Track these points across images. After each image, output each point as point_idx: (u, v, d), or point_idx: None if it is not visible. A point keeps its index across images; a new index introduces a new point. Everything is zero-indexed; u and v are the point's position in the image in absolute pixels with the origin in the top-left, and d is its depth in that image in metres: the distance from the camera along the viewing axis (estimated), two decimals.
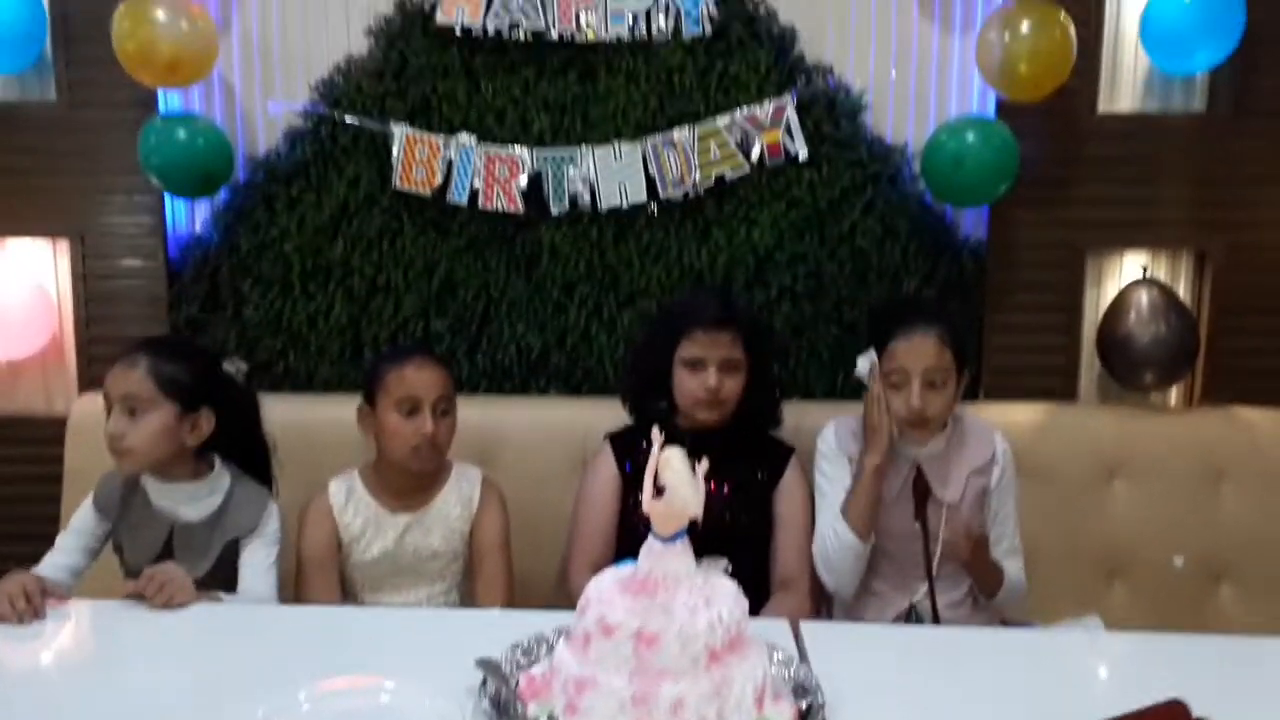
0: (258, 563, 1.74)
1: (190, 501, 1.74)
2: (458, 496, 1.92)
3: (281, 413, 2.01)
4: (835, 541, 1.86)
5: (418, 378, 1.84)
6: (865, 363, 1.90)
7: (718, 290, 2.25)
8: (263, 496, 1.80)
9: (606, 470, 1.99)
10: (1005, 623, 1.98)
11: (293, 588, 1.87)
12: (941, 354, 1.84)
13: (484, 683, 1.24)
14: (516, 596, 1.92)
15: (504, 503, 1.96)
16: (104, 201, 2.37)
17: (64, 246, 2.42)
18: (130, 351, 1.73)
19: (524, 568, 2.00)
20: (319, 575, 1.87)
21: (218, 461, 1.79)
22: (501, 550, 1.92)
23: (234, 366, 1.84)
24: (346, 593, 1.91)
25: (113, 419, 1.69)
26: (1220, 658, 1.48)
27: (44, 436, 2.32)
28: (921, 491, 1.87)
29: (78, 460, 2.16)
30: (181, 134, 2.23)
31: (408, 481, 1.90)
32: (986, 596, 1.89)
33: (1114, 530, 2.24)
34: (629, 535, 1.92)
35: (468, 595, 1.94)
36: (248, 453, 1.84)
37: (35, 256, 2.45)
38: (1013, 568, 1.92)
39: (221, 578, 1.70)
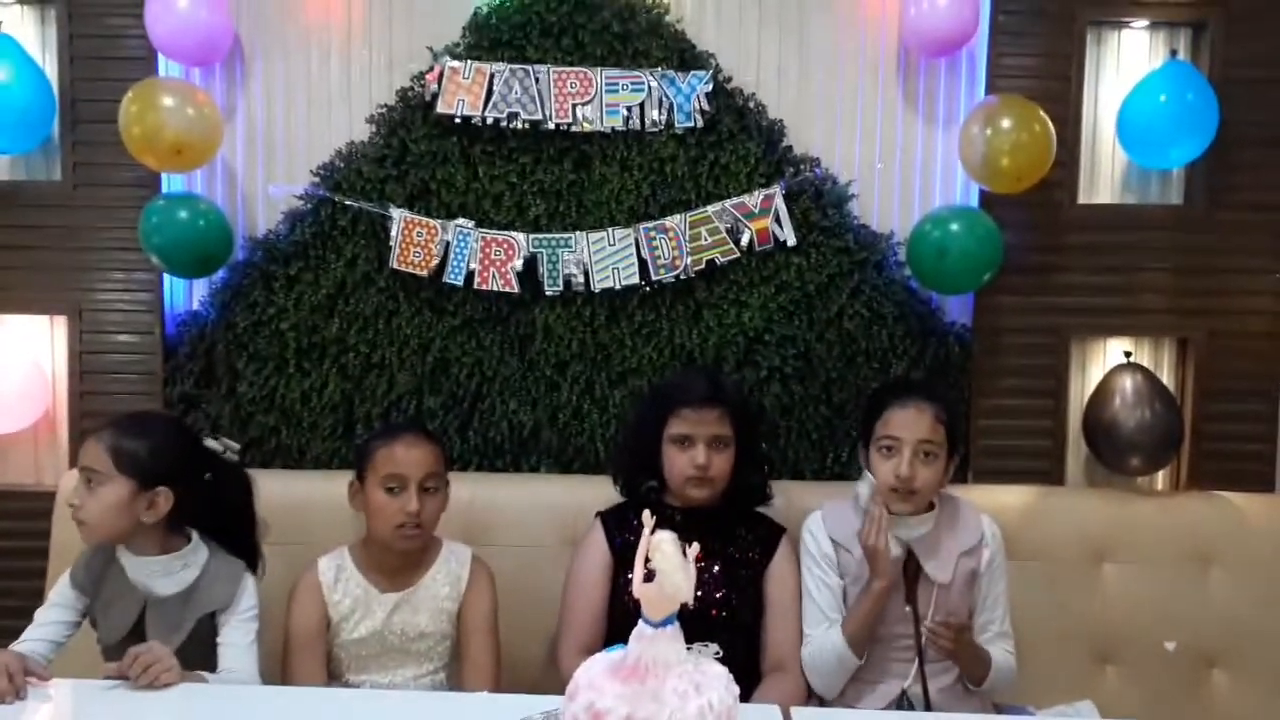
0: (237, 641, 1.72)
1: (164, 575, 1.73)
2: (446, 575, 1.91)
3: (273, 489, 2.02)
4: (831, 655, 1.86)
5: (405, 455, 1.84)
6: (865, 487, 1.91)
7: (706, 369, 2.28)
8: (238, 571, 1.79)
9: (597, 548, 1.99)
10: (998, 708, 1.97)
11: (278, 664, 1.85)
12: (935, 429, 1.87)
13: None
14: (504, 678, 1.90)
15: (493, 582, 1.95)
16: (102, 279, 2.40)
17: (61, 323, 2.44)
18: (103, 424, 1.75)
19: (513, 648, 1.99)
20: (306, 654, 1.85)
21: (194, 536, 1.78)
22: (489, 631, 1.91)
23: (222, 445, 1.85)
24: (333, 672, 1.89)
25: (74, 488, 1.72)
26: None
27: (33, 510, 2.31)
28: (913, 573, 1.88)
29: (65, 535, 2.14)
30: (183, 214, 2.26)
31: (396, 560, 1.89)
32: (974, 684, 1.88)
33: (1105, 614, 2.24)
34: (620, 614, 1.91)
35: (455, 676, 1.92)
36: (231, 530, 1.83)
37: (32, 332, 2.46)
38: (1001, 652, 1.91)
39: (194, 654, 1.68)
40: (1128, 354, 2.40)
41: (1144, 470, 2.39)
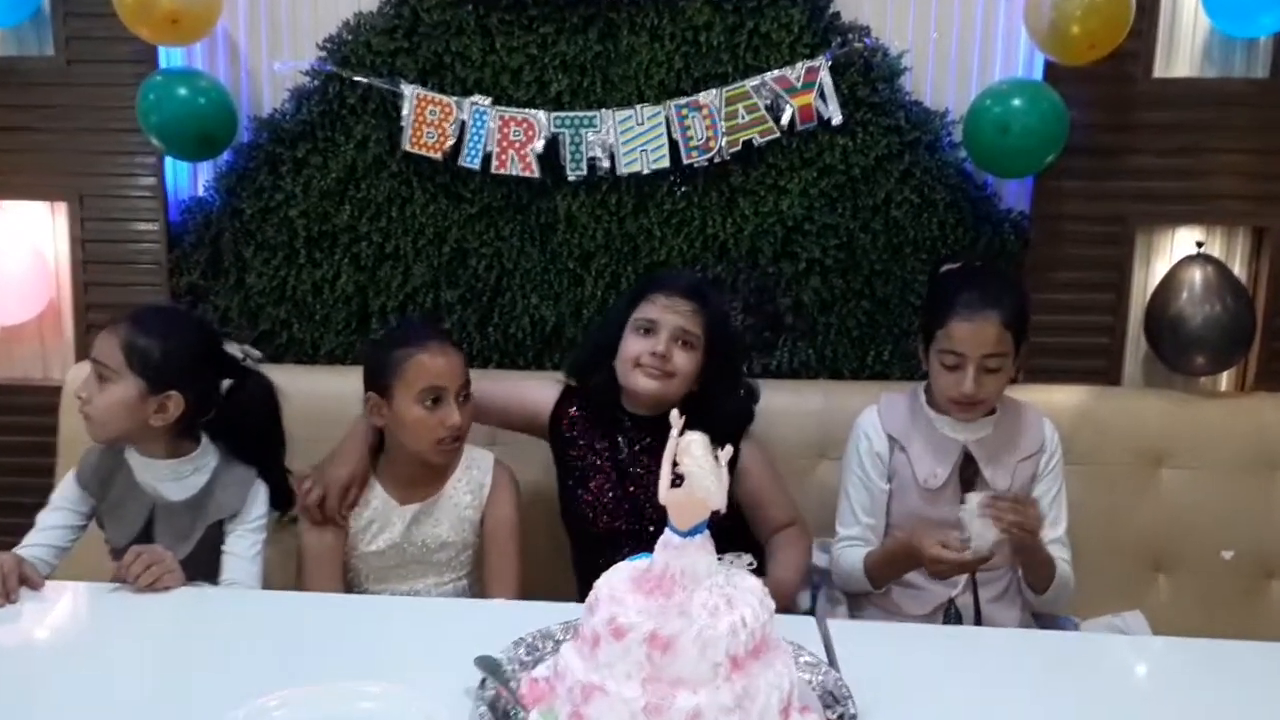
0: (241, 551, 1.65)
1: (172, 480, 1.65)
2: (468, 484, 1.81)
3: (284, 384, 1.91)
4: (851, 574, 1.80)
5: (441, 365, 1.70)
6: (971, 513, 1.61)
7: (692, 275, 2.13)
8: (249, 478, 1.70)
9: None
10: (1038, 618, 1.86)
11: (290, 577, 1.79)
12: (1002, 338, 1.72)
13: (482, 684, 1.14)
14: (529, 585, 1.81)
15: (517, 487, 1.85)
16: (103, 162, 2.28)
17: (61, 209, 2.34)
18: (120, 317, 1.65)
19: (538, 552, 1.90)
20: (322, 566, 1.75)
21: (204, 439, 1.70)
22: (513, 538, 1.81)
23: (244, 352, 1.75)
24: (351, 582, 1.80)
25: (85, 380, 1.63)
26: (1269, 664, 1.37)
27: (40, 404, 2.24)
28: (969, 478, 1.77)
29: (73, 429, 2.07)
30: (182, 91, 2.12)
31: (421, 471, 1.78)
32: (1037, 590, 1.76)
33: (1160, 522, 2.14)
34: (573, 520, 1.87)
35: (479, 583, 1.84)
36: (249, 440, 1.73)
37: (32, 219, 2.36)
38: (1063, 564, 1.79)
39: (202, 562, 1.62)
40: (1199, 244, 2.22)
41: (1209, 370, 2.24)
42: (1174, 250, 2.29)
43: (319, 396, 2.10)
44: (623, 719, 1.00)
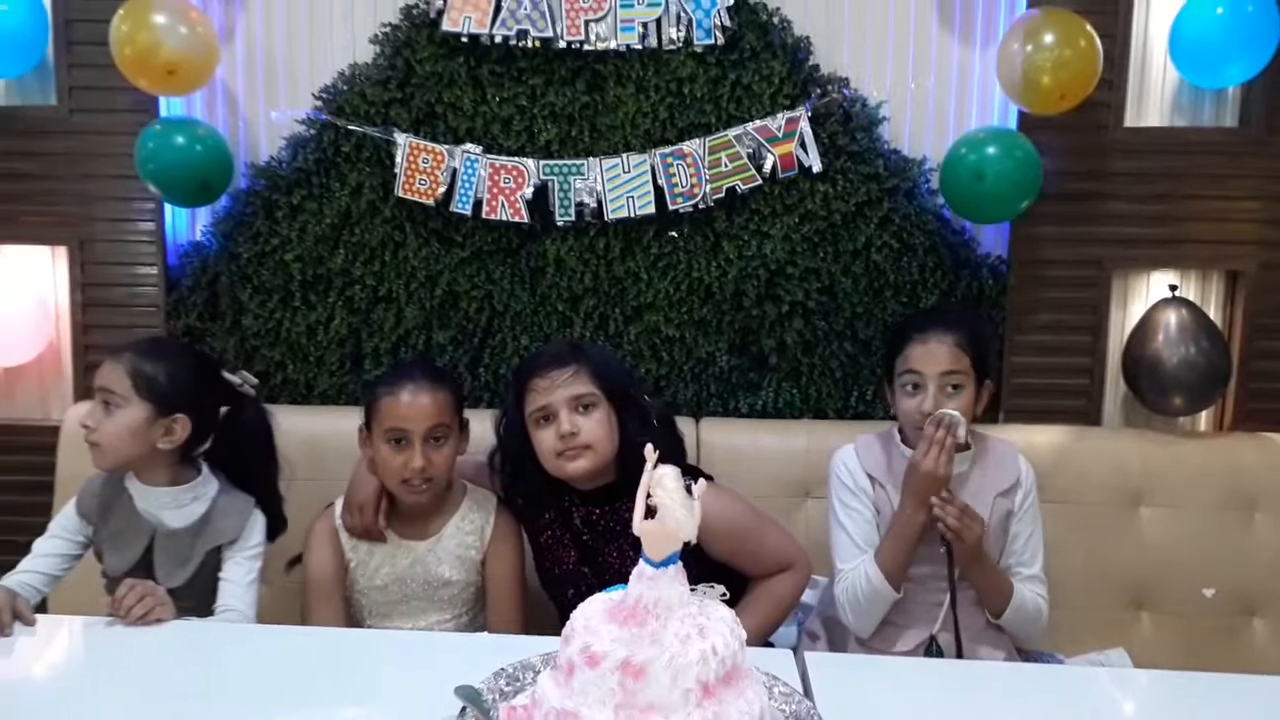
0: (238, 578, 1.67)
1: (173, 507, 1.68)
2: (470, 525, 1.82)
3: (279, 424, 1.94)
4: (868, 588, 1.76)
5: (406, 407, 1.72)
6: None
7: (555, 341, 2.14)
8: (248, 507, 1.73)
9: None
10: (1025, 655, 1.88)
11: (280, 608, 1.80)
12: (958, 358, 1.77)
13: (462, 712, 1.16)
14: (533, 626, 1.81)
15: (519, 531, 1.86)
16: (103, 208, 2.33)
17: (62, 254, 2.38)
18: (123, 347, 1.70)
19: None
20: (324, 601, 1.78)
21: (204, 467, 1.73)
22: (515, 581, 1.83)
23: (240, 379, 1.78)
24: (353, 618, 1.82)
25: (89, 410, 1.67)
26: (1252, 698, 1.39)
27: (38, 444, 2.28)
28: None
29: (70, 468, 2.12)
30: (180, 139, 2.18)
31: (412, 509, 1.80)
32: (993, 614, 1.79)
33: (1141, 559, 2.15)
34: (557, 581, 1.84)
35: (482, 620, 1.85)
36: (245, 467, 1.77)
37: (34, 264, 2.41)
38: (1032, 594, 1.81)
39: (200, 588, 1.64)
40: (1173, 287, 2.26)
41: (1187, 410, 2.27)
42: (1150, 293, 2.33)
43: (313, 436, 2.14)
44: None
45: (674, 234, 2.25)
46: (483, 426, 1.98)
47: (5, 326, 2.34)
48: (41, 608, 1.81)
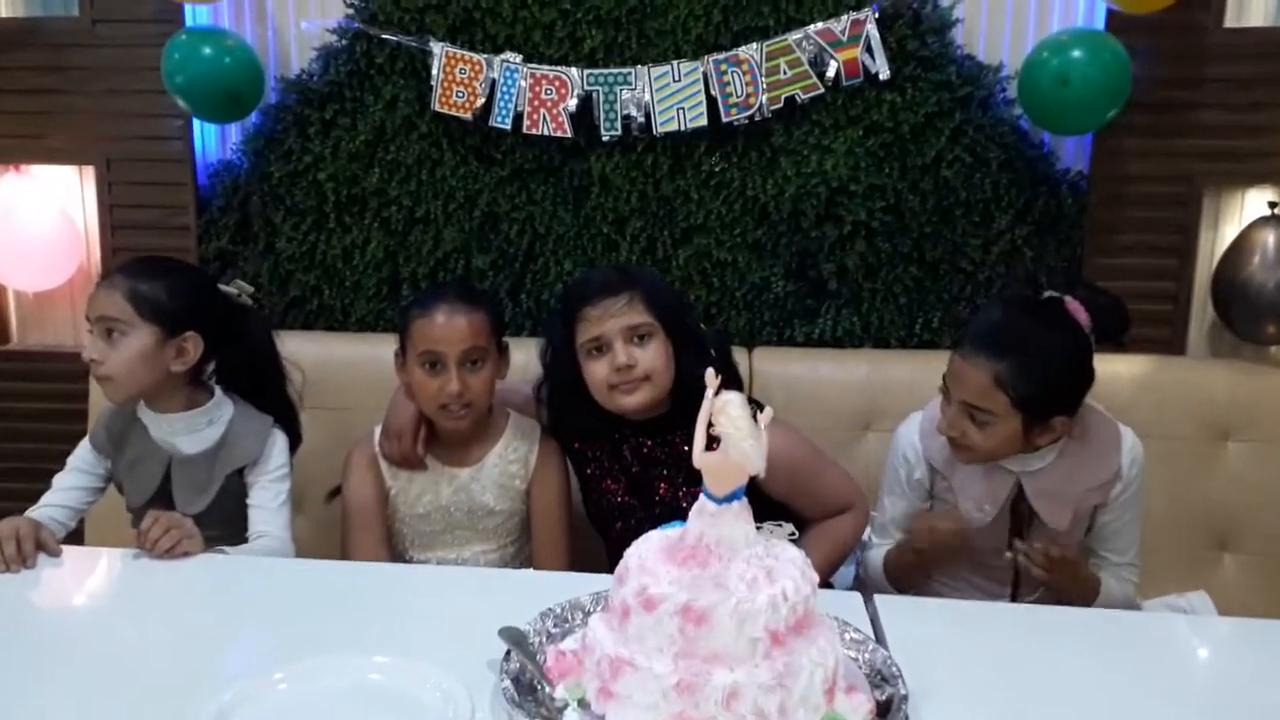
0: (267, 503, 1.61)
1: (188, 433, 1.61)
2: (515, 453, 1.74)
3: (315, 351, 1.91)
4: (876, 574, 1.69)
5: (441, 329, 1.62)
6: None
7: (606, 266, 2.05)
8: (265, 426, 1.66)
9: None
10: None
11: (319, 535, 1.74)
12: (989, 395, 1.49)
13: (507, 656, 1.07)
14: (580, 560, 1.74)
15: (565, 459, 1.78)
16: (130, 126, 2.25)
17: (89, 173, 2.31)
18: (110, 272, 1.60)
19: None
20: (365, 531, 1.70)
21: (217, 390, 1.66)
22: (561, 514, 1.75)
23: (237, 289, 1.69)
24: (396, 549, 1.75)
25: (90, 343, 1.57)
26: None
27: (72, 372, 2.20)
28: (1020, 518, 1.61)
29: (103, 397, 2.04)
30: (207, 50, 2.08)
31: (452, 436, 1.72)
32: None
33: (1226, 498, 2.03)
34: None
35: (528, 551, 1.78)
36: (256, 382, 1.69)
37: (61, 184, 2.34)
38: (1121, 585, 1.66)
39: (222, 513, 1.58)
40: (1272, 205, 2.09)
41: None
42: (1244, 212, 2.17)
43: (350, 363, 2.08)
44: (653, 696, 0.93)
45: (716, 162, 2.10)
46: (526, 355, 1.88)
47: (35, 250, 2.29)
48: (78, 539, 1.77)
